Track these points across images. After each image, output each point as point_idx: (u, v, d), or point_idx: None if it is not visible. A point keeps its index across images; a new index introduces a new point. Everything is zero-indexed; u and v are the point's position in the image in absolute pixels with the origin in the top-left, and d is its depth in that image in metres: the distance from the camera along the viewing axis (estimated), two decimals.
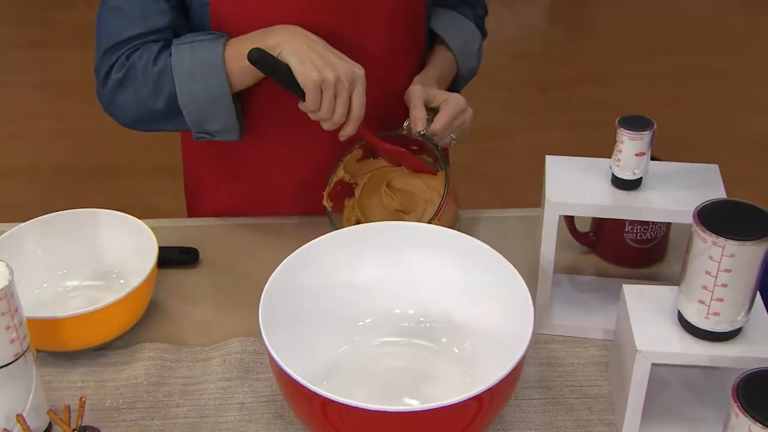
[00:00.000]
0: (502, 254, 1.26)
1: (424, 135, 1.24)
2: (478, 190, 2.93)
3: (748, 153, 3.12)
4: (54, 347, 1.10)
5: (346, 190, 1.28)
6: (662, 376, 1.06)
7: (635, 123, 1.02)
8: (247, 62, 1.14)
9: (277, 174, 1.35)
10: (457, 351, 1.08)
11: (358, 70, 1.15)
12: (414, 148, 1.26)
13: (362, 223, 1.21)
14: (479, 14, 1.43)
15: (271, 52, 1.13)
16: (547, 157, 1.13)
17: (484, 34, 1.44)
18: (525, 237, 1.31)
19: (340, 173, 1.26)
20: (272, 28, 1.16)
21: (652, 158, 1.20)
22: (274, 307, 1.00)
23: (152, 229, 1.23)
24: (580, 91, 3.55)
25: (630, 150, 1.03)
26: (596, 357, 1.12)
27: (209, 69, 1.17)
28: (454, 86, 1.40)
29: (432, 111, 1.26)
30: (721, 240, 0.87)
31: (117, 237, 1.20)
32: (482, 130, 1.43)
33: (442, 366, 1.07)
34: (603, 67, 3.73)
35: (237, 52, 1.17)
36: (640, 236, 1.21)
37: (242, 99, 1.25)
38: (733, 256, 0.88)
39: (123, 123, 1.26)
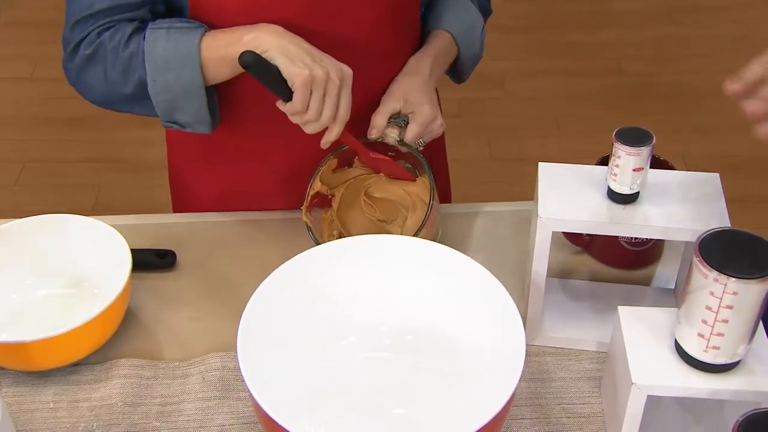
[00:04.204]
0: (493, 252, 1.23)
1: (401, 142, 1.18)
2: (468, 143, 2.87)
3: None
4: (24, 368, 1.06)
5: (323, 202, 1.22)
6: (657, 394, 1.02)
7: (633, 137, 0.96)
8: (222, 56, 1.08)
9: (260, 167, 1.29)
10: (443, 366, 1.04)
11: (347, 69, 1.10)
12: (391, 154, 1.20)
13: (344, 236, 1.16)
14: None
15: (254, 50, 1.06)
16: (540, 164, 1.07)
17: (488, 12, 1.36)
18: (517, 232, 1.27)
19: (317, 185, 1.20)
20: (253, 26, 1.09)
21: (656, 161, 1.15)
22: (253, 330, 0.96)
23: (127, 227, 1.18)
24: (574, 34, 3.46)
25: (627, 165, 0.97)
26: (589, 371, 1.08)
27: (184, 60, 1.10)
28: (456, 71, 1.33)
29: (404, 120, 1.20)
30: (723, 277, 0.83)
31: (88, 243, 1.15)
32: (471, 78, 1.36)
33: (429, 382, 1.04)
34: (596, 6, 3.62)
35: (214, 45, 1.10)
36: (635, 239, 1.17)
37: (220, 90, 1.18)
38: (735, 293, 0.83)
39: (91, 100, 1.20)
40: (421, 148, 1.20)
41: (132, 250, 1.11)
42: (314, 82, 1.06)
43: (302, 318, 1.03)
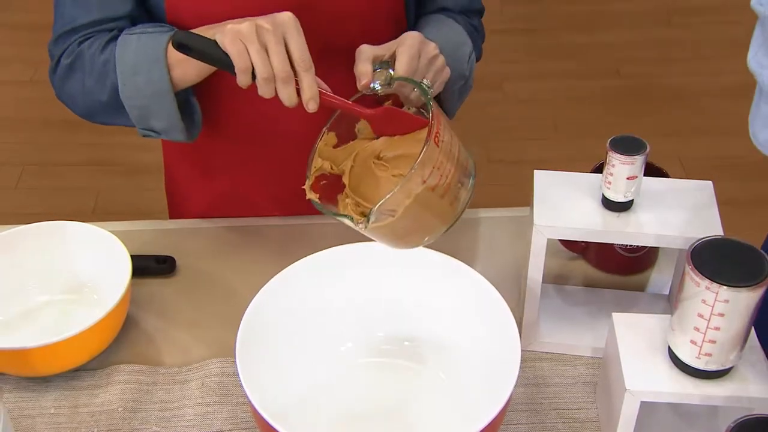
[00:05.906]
0: (489, 258, 1.24)
1: (392, 79, 1.04)
2: (466, 146, 2.86)
3: (736, 101, 3.06)
4: (25, 373, 1.07)
5: (333, 185, 1.07)
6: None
7: (627, 146, 0.98)
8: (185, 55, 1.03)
9: (255, 176, 1.30)
10: (439, 372, 1.05)
11: (282, 15, 0.99)
12: (388, 103, 1.06)
13: (362, 207, 1.02)
14: (474, 24, 1.29)
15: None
16: (536, 172, 1.08)
17: (478, 52, 1.30)
18: (513, 238, 1.27)
19: (318, 163, 1.06)
20: (221, 23, 1.05)
21: (650, 168, 1.16)
22: (252, 336, 0.97)
23: (127, 233, 1.19)
24: (572, 36, 3.47)
25: (621, 173, 0.98)
26: (584, 376, 1.09)
27: (152, 63, 1.09)
28: (444, 99, 1.26)
29: (389, 63, 1.08)
30: (715, 286, 0.84)
31: (87, 249, 1.16)
32: None
33: (425, 388, 1.05)
34: (595, 8, 3.63)
35: None
36: (630, 245, 1.17)
37: (211, 100, 1.19)
38: (727, 301, 0.84)
39: (76, 113, 1.20)
40: (432, 91, 1.04)
41: (132, 256, 1.12)
42: (241, 35, 0.98)
43: (300, 324, 1.04)
